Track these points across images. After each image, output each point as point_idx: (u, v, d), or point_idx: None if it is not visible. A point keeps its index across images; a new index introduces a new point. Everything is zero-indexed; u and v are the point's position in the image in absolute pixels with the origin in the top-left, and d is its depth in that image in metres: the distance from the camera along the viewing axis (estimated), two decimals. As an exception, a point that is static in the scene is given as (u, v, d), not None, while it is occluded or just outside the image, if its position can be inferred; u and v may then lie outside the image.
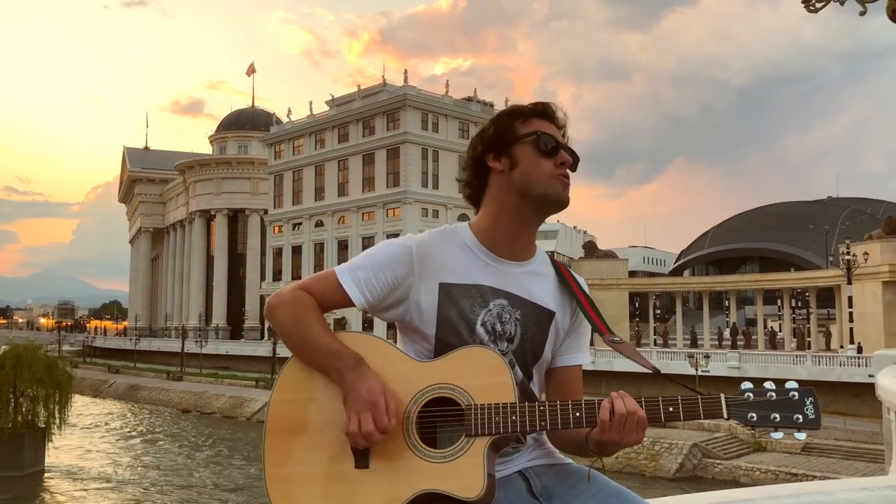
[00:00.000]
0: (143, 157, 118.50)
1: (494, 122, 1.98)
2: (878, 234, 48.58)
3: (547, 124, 1.95)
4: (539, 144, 1.90)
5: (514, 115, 1.97)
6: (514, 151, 1.92)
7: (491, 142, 1.95)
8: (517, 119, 1.95)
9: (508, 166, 1.92)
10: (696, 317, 71.84)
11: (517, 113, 1.97)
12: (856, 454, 32.54)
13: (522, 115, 1.96)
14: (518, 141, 1.92)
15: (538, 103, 1.99)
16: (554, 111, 1.98)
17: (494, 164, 1.94)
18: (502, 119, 1.97)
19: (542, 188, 1.90)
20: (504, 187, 1.94)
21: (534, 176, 1.90)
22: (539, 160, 1.90)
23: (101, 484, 33.06)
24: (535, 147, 1.90)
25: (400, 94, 68.79)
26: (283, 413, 1.84)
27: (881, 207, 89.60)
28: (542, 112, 1.97)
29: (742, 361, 44.69)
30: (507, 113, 1.98)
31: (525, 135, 1.92)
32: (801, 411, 1.71)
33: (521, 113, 1.96)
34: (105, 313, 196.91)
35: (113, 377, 78.95)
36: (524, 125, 1.94)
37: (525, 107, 1.99)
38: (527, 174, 1.90)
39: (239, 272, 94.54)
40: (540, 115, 1.97)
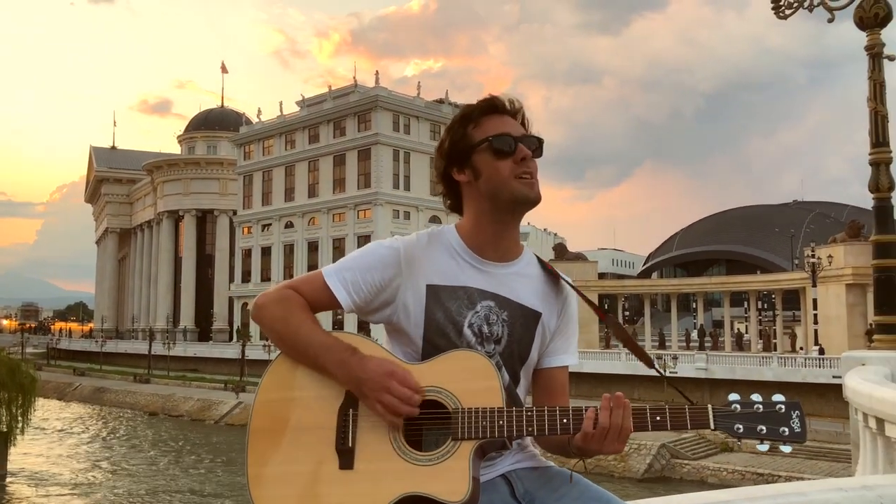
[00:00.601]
0: (110, 156, 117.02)
1: (449, 133, 1.96)
2: (842, 237, 49.42)
3: (499, 119, 1.92)
4: (493, 148, 1.88)
5: (465, 121, 1.93)
6: (473, 161, 1.91)
7: (450, 156, 1.94)
8: (469, 124, 1.92)
9: (472, 177, 1.91)
10: (665, 319, 72.51)
11: (467, 118, 1.94)
12: (820, 454, 33.04)
13: (473, 119, 1.93)
14: (474, 150, 1.90)
15: (485, 100, 1.95)
16: (503, 103, 1.94)
17: (460, 178, 1.94)
18: (455, 129, 1.94)
19: (509, 192, 1.88)
20: (475, 196, 1.93)
21: (497, 182, 1.88)
22: (498, 164, 1.88)
23: (66, 490, 32.51)
24: (491, 152, 1.88)
25: (371, 95, 68.65)
26: (267, 412, 1.82)
27: (845, 211, 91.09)
28: (491, 108, 1.94)
29: (709, 363, 45.21)
30: (459, 121, 1.95)
31: (479, 142, 1.90)
32: (787, 424, 1.72)
33: (471, 116, 1.93)
34: (70, 315, 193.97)
35: (78, 380, 77.79)
36: (477, 129, 1.91)
37: (474, 108, 1.94)
38: (490, 181, 1.89)
39: (207, 273, 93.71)
40: (490, 111, 1.93)
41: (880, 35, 6.63)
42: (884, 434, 4.42)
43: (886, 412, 4.18)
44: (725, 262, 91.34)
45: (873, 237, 6.72)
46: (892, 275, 6.61)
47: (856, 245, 47.20)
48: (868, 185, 6.57)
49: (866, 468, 5.11)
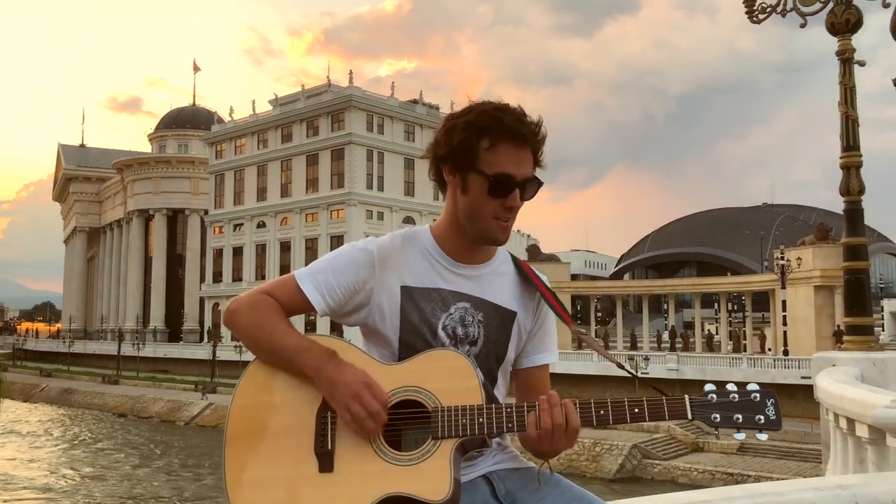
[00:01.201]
0: (78, 154, 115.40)
1: (463, 131, 1.84)
2: (811, 239, 50.15)
3: (515, 153, 1.83)
4: (490, 187, 1.82)
5: (482, 132, 1.82)
6: (468, 177, 1.84)
7: (451, 153, 1.86)
8: (484, 139, 1.81)
9: (461, 188, 1.87)
10: (636, 320, 73.07)
11: (484, 132, 1.81)
12: (789, 454, 33.51)
13: (491, 136, 1.81)
14: (474, 170, 1.83)
15: (512, 124, 1.82)
16: (528, 134, 1.83)
17: (449, 178, 1.90)
18: (468, 134, 1.83)
19: (481, 226, 1.87)
20: (455, 204, 1.91)
21: (477, 211, 1.85)
22: (486, 200, 1.84)
23: (35, 494, 32.00)
24: (487, 187, 1.82)
25: (345, 94, 68.40)
26: (244, 417, 1.80)
27: (813, 214, 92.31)
28: (513, 136, 1.82)
29: (680, 363, 45.66)
30: (475, 128, 1.82)
31: (481, 171, 1.82)
32: (762, 412, 1.75)
33: (491, 133, 1.81)
34: (37, 315, 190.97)
35: (45, 381, 76.68)
36: (489, 152, 1.81)
37: (495, 125, 1.81)
38: (472, 206, 1.86)
39: (178, 273, 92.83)
40: (511, 139, 1.82)
41: (851, 40, 6.72)
42: (854, 434, 4.47)
43: (857, 412, 4.23)
44: (696, 264, 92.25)
45: (844, 240, 6.81)
46: (861, 277, 6.71)
47: (824, 248, 47.92)
48: (839, 189, 6.66)
49: (837, 467, 5.18)
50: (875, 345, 6.68)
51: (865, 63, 6.72)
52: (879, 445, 4.03)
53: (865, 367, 6.10)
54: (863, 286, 6.71)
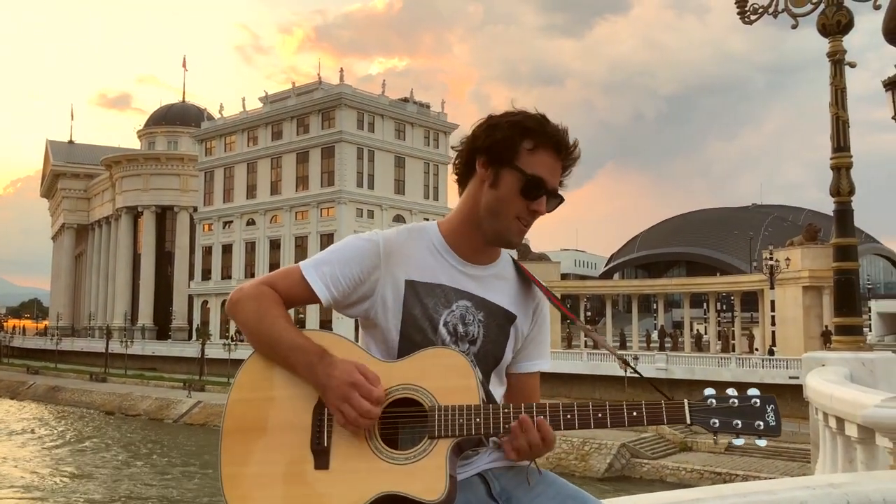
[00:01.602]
0: (67, 150, 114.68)
1: (508, 128, 1.87)
2: (800, 240, 50.41)
3: (552, 160, 1.87)
4: (524, 186, 1.85)
5: (527, 133, 1.86)
6: (502, 172, 1.87)
7: (491, 147, 1.87)
8: (527, 139, 1.85)
9: (491, 181, 1.88)
10: (626, 319, 73.24)
11: (531, 133, 1.86)
12: (776, 453, 33.64)
13: (534, 139, 1.85)
14: (510, 166, 1.86)
15: (556, 134, 1.87)
16: (568, 151, 1.89)
17: (481, 170, 1.90)
18: (513, 132, 1.86)
19: (502, 225, 1.88)
20: (478, 197, 1.91)
21: (502, 209, 1.87)
22: (516, 198, 1.86)
23: (19, 494, 31.78)
24: (521, 185, 1.85)
25: (336, 92, 68.26)
26: (241, 412, 1.79)
27: (802, 215, 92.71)
28: (555, 146, 1.87)
29: (669, 363, 45.79)
30: (521, 128, 1.86)
31: (519, 168, 1.85)
32: (762, 418, 1.74)
33: (535, 136, 1.86)
34: (24, 312, 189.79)
35: (32, 378, 76.23)
36: (530, 153, 1.85)
37: (541, 130, 1.86)
38: (498, 202, 1.87)
39: (167, 271, 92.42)
40: (552, 147, 1.87)
41: (842, 42, 6.76)
42: (844, 433, 4.50)
43: (847, 412, 4.26)
44: (686, 264, 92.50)
45: (834, 240, 6.85)
46: (851, 277, 6.74)
47: (813, 248, 48.17)
48: (829, 189, 6.69)
49: (826, 467, 5.21)
50: (864, 345, 6.73)
51: (856, 64, 6.76)
52: (869, 445, 4.05)
53: (855, 366, 6.14)
54: (852, 286, 6.75)
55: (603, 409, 1.77)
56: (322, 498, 1.71)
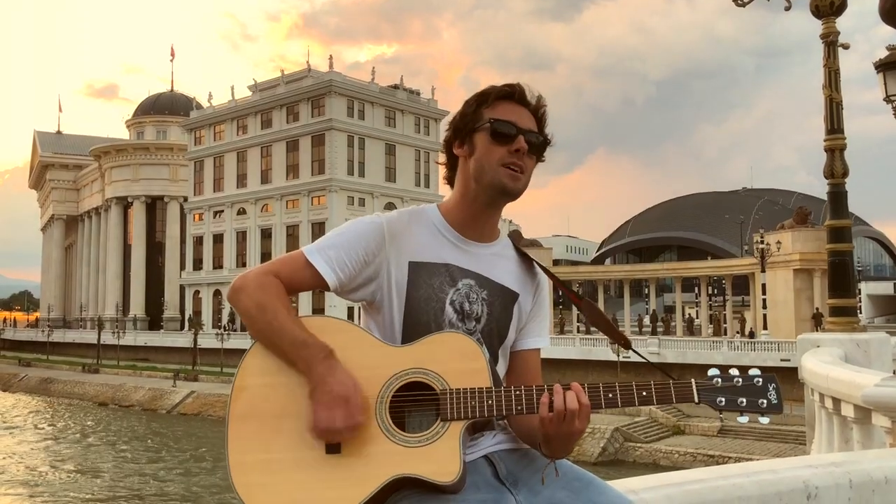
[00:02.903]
0: (55, 141, 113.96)
1: (463, 107, 1.97)
2: (790, 223, 50.60)
3: (514, 108, 1.93)
4: (493, 131, 1.89)
5: (480, 99, 1.94)
6: (473, 139, 1.92)
7: (456, 128, 1.97)
8: (483, 105, 1.93)
9: (468, 153, 1.93)
10: (618, 304, 73.48)
11: (483, 98, 1.94)
12: (769, 435, 33.91)
13: (488, 100, 1.93)
14: (477, 128, 1.91)
15: (505, 86, 1.95)
16: (522, 93, 1.95)
17: (458, 152, 1.96)
18: (468, 105, 1.95)
19: (490, 177, 1.90)
20: (465, 174, 1.95)
21: (484, 164, 1.90)
22: (492, 147, 1.89)
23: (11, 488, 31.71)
24: (490, 133, 1.89)
25: (325, 80, 67.94)
26: (247, 399, 1.78)
27: (792, 198, 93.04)
28: (508, 95, 1.94)
29: (661, 347, 45.98)
30: (475, 98, 1.95)
31: (483, 122, 1.91)
32: (765, 396, 1.79)
33: (487, 98, 1.93)
34: (14, 304, 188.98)
35: (24, 370, 76.06)
36: (488, 110, 1.92)
37: (491, 91, 1.94)
38: (479, 162, 1.91)
39: (158, 261, 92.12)
40: (507, 97, 1.93)
41: (835, 23, 6.74)
42: (840, 413, 4.53)
43: (844, 392, 4.28)
44: (677, 249, 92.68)
45: (828, 222, 6.86)
46: (845, 259, 6.76)
47: (803, 231, 48.39)
48: (823, 171, 6.70)
49: (822, 447, 5.24)
50: (858, 326, 6.76)
51: (849, 46, 6.75)
52: (865, 424, 4.08)
53: (849, 347, 6.17)
54: (846, 268, 6.77)
55: (613, 389, 1.78)
56: (335, 483, 1.70)
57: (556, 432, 1.75)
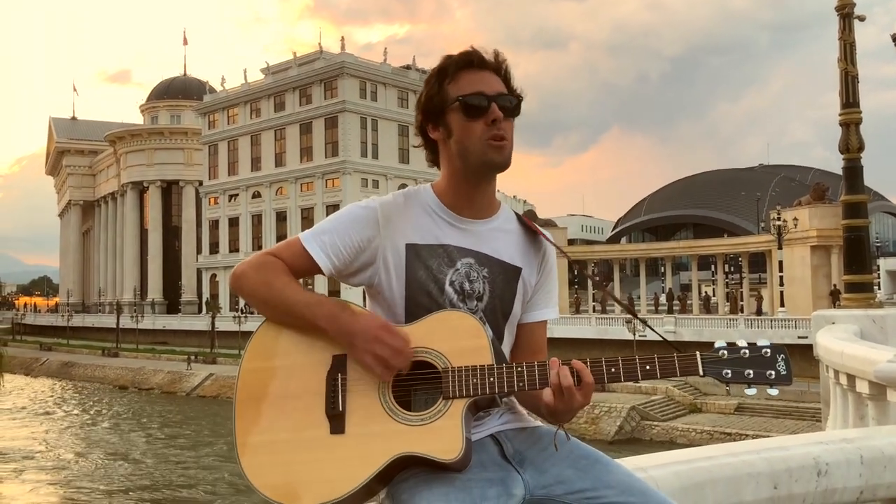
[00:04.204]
0: (70, 127, 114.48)
1: (425, 86, 1.93)
2: (807, 200, 50.12)
3: (477, 75, 1.88)
4: (464, 108, 1.86)
5: (440, 76, 1.90)
6: (446, 119, 1.90)
7: (426, 111, 1.93)
8: (445, 79, 1.89)
9: (445, 135, 1.91)
10: (634, 283, 73.28)
11: (443, 73, 1.90)
12: (786, 412, 33.82)
13: (449, 74, 1.89)
14: (447, 108, 1.88)
15: (462, 54, 1.91)
16: (481, 57, 1.90)
17: (434, 135, 1.94)
18: (431, 84, 1.91)
19: (476, 156, 1.87)
20: (448, 155, 1.93)
21: (466, 144, 1.87)
22: (469, 125, 1.87)
23: (37, 462, 32.20)
24: (462, 111, 1.86)
25: (337, 61, 67.74)
26: (253, 380, 1.80)
27: (809, 174, 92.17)
28: (468, 62, 1.89)
29: (678, 326, 45.85)
30: (435, 75, 1.91)
31: (451, 101, 1.87)
32: (773, 367, 1.76)
33: (447, 71, 1.89)
34: (35, 289, 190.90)
35: (45, 354, 76.97)
36: (453, 85, 1.88)
37: (450, 63, 1.90)
38: (460, 143, 1.88)
39: (174, 245, 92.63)
40: (467, 66, 1.89)
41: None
42: (855, 390, 4.50)
43: (858, 368, 4.25)
44: (693, 227, 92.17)
45: (843, 197, 6.79)
46: (861, 234, 6.70)
47: (820, 207, 47.92)
48: (838, 146, 6.62)
49: (837, 423, 5.22)
50: (874, 302, 6.70)
51: (865, 18, 6.64)
52: (880, 401, 4.06)
53: (865, 324, 6.12)
54: (862, 244, 6.70)
55: (616, 363, 1.77)
56: (339, 462, 1.72)
57: (555, 406, 1.75)
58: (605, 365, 1.77)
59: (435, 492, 1.69)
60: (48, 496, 27.20)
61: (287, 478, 1.72)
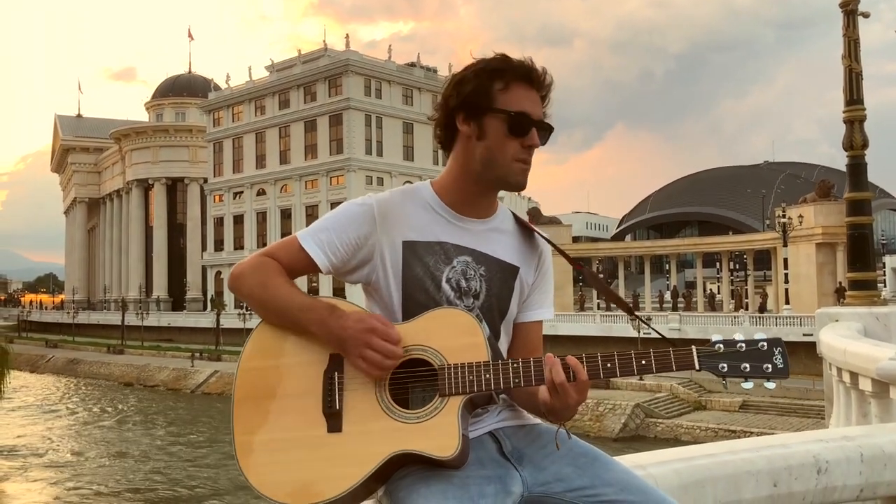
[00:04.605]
0: (75, 124, 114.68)
1: (475, 77, 1.86)
2: (812, 197, 49.98)
3: (528, 93, 1.87)
4: (510, 124, 1.84)
5: (494, 75, 1.85)
6: (484, 121, 1.86)
7: (465, 101, 1.87)
8: (497, 81, 1.84)
9: (476, 134, 1.87)
10: (638, 280, 73.17)
11: (499, 73, 1.85)
12: (791, 410, 33.78)
13: (504, 78, 1.85)
14: (491, 112, 1.85)
15: (523, 66, 1.87)
16: (539, 77, 1.88)
17: (463, 128, 1.89)
18: (482, 78, 1.85)
19: (502, 171, 1.87)
20: (469, 154, 1.90)
21: (497, 156, 1.86)
22: (506, 140, 1.85)
23: (43, 460, 32.30)
24: (507, 125, 1.84)
25: (342, 59, 67.70)
26: (251, 380, 1.81)
27: (815, 171, 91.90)
28: (526, 78, 1.87)
29: (682, 323, 45.80)
30: (489, 71, 1.85)
31: (499, 109, 1.84)
32: (770, 361, 1.76)
33: (503, 75, 1.85)
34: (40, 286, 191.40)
35: (51, 351, 77.20)
36: (503, 92, 1.84)
37: (507, 68, 1.85)
38: (491, 151, 1.87)
39: (179, 242, 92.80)
40: (524, 80, 1.87)
41: (855, -8, 6.60)
42: (857, 388, 4.49)
43: (861, 366, 4.25)
44: (698, 224, 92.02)
45: (847, 194, 6.77)
46: (864, 232, 6.68)
47: (826, 205, 47.80)
48: (842, 143, 6.59)
49: (840, 421, 5.21)
50: (878, 300, 6.68)
51: (870, 15, 6.62)
52: (883, 398, 4.05)
53: (868, 321, 6.11)
54: (866, 241, 6.68)
55: (612, 359, 1.77)
56: (337, 460, 1.72)
57: (552, 403, 1.74)
58: (601, 360, 1.77)
59: (432, 489, 1.69)
60: (56, 494, 27.27)
61: (285, 476, 1.72)
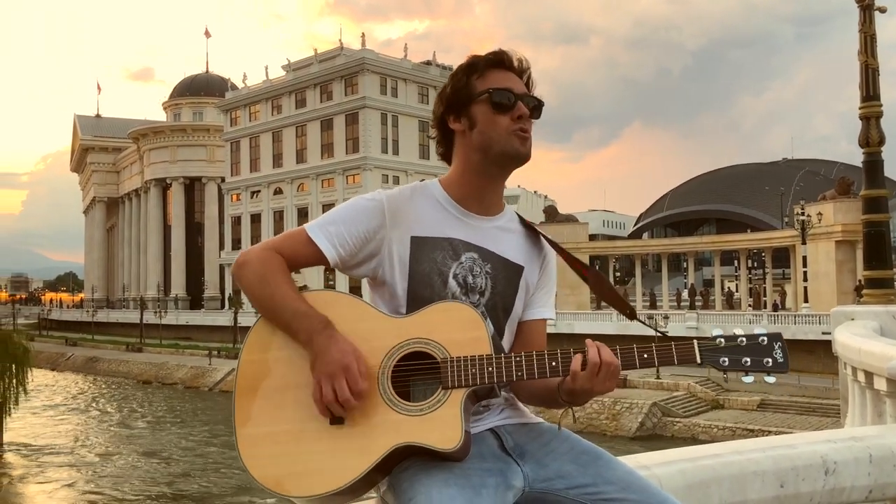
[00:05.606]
0: (94, 125, 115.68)
1: (451, 79, 1.97)
2: (832, 194, 49.52)
3: (505, 74, 1.94)
4: (493, 101, 1.90)
5: (469, 70, 1.94)
6: (471, 111, 1.92)
7: (449, 103, 1.96)
8: (473, 74, 1.93)
9: (468, 126, 1.93)
10: (655, 279, 72.83)
11: (472, 68, 1.94)
12: (809, 409, 33.48)
13: (478, 70, 1.93)
14: (474, 100, 1.92)
15: (492, 53, 1.95)
16: (511, 59, 1.95)
17: (455, 126, 1.96)
18: (458, 77, 1.95)
19: (501, 146, 1.90)
20: (466, 147, 1.95)
21: (491, 135, 1.90)
22: (495, 117, 1.90)
23: (62, 459, 32.59)
24: (490, 104, 1.90)
25: (358, 57, 67.84)
26: (252, 373, 1.82)
27: (834, 168, 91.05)
28: (498, 62, 1.94)
29: (700, 321, 45.51)
30: (463, 69, 1.95)
31: (479, 93, 1.91)
32: (770, 355, 1.78)
33: (477, 67, 1.94)
34: (60, 285, 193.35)
35: (70, 350, 77.92)
36: (480, 80, 1.93)
37: (480, 59, 1.95)
38: (485, 133, 1.91)
39: (197, 241, 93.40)
40: (496, 65, 1.94)
41: (871, -14, 6.53)
42: (872, 387, 4.44)
43: (875, 365, 4.20)
44: (716, 222, 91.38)
45: (863, 192, 6.71)
46: (881, 230, 6.60)
47: (845, 202, 47.32)
48: (858, 140, 6.53)
49: (855, 421, 5.16)
50: (895, 298, 6.60)
51: (886, 10, 6.54)
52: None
53: (885, 320, 6.03)
54: (882, 239, 6.60)
55: (614, 352, 1.79)
56: (339, 452, 1.73)
57: (584, 388, 1.76)
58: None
59: (434, 479, 1.70)
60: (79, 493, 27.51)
61: (287, 469, 1.73)
